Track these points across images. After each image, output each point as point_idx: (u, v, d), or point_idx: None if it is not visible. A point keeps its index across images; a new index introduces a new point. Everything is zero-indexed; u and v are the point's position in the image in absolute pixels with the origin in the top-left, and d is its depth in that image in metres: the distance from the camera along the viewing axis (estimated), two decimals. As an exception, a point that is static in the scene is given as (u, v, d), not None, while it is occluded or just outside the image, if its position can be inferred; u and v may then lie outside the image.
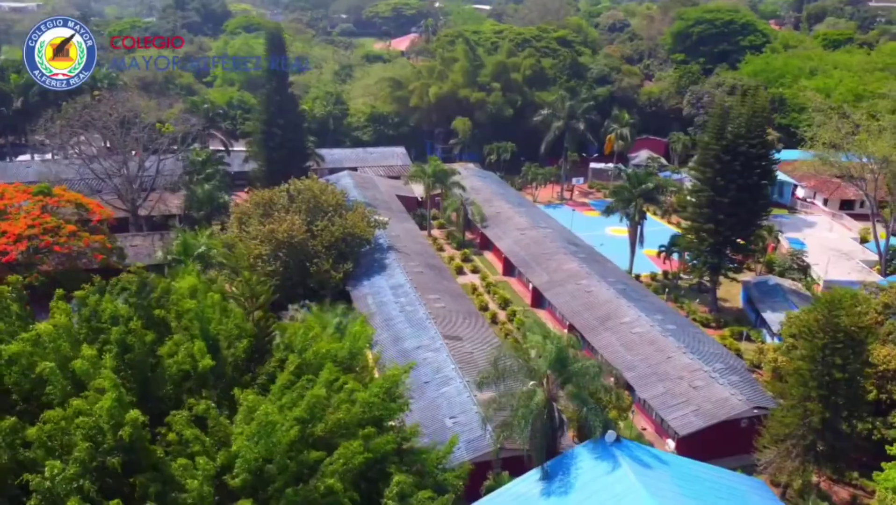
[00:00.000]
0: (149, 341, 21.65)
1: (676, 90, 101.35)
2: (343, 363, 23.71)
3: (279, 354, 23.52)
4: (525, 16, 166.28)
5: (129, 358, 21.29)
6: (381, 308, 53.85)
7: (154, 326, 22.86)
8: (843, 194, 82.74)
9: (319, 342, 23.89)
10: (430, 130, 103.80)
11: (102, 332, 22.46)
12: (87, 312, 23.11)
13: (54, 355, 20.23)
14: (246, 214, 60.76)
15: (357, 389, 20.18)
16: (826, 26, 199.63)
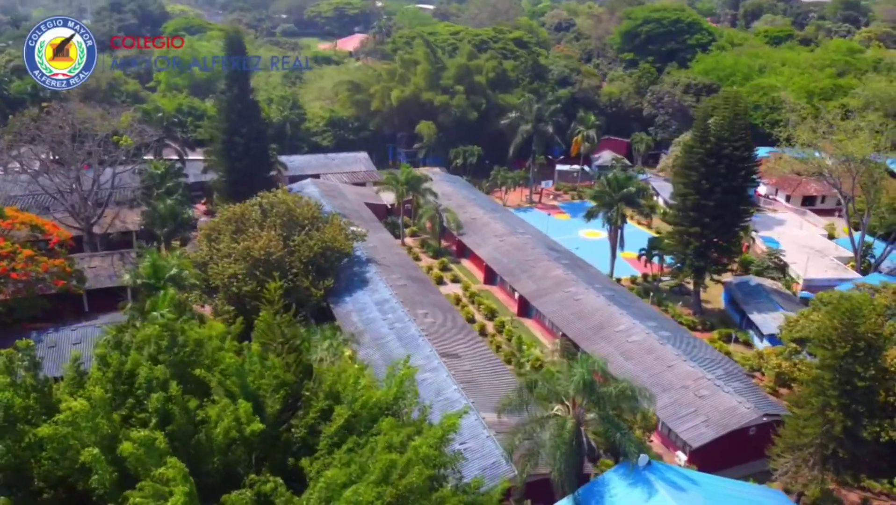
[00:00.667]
0: (193, 409, 18.98)
1: (635, 90, 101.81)
2: (390, 410, 21.57)
3: (319, 403, 21.18)
4: (475, 16, 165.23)
5: (171, 430, 18.59)
6: (369, 326, 51.52)
7: (191, 386, 20.17)
8: (805, 190, 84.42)
9: (368, 390, 21.62)
10: (391, 134, 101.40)
11: (128, 395, 19.63)
12: (110, 372, 20.17)
13: (94, 436, 17.30)
14: (215, 231, 57.32)
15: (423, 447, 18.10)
16: (763, 23, 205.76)
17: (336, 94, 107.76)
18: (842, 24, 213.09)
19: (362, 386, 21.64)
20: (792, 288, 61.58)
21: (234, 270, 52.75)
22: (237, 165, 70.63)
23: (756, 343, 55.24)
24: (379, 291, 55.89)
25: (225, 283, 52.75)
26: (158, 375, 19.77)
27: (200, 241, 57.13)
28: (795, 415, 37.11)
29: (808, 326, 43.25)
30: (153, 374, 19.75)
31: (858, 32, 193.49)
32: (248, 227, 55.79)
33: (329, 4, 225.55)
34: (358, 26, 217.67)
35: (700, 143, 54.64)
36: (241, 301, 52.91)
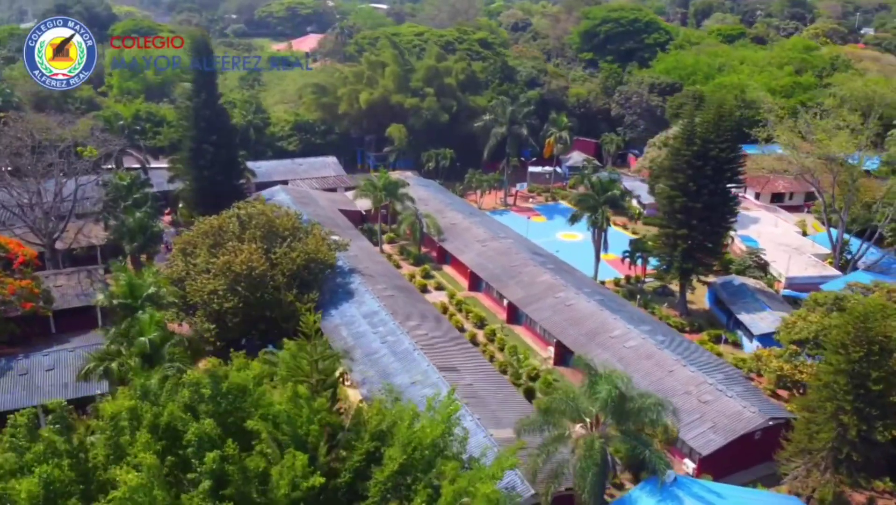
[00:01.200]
0: (253, 469, 17.03)
1: (602, 91, 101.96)
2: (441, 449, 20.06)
3: (364, 444, 19.54)
4: (434, 16, 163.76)
5: (229, 493, 16.64)
6: (359, 340, 49.73)
7: (240, 438, 18.17)
8: (774, 188, 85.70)
9: (419, 429, 19.98)
10: (359, 138, 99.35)
11: (167, 451, 17.59)
12: (146, 422, 18.00)
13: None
14: (190, 245, 54.68)
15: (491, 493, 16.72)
16: (714, 21, 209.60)
17: (300, 96, 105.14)
18: (789, 21, 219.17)
19: (418, 429, 19.99)
20: (774, 286, 62.08)
21: (213, 287, 50.34)
22: (206, 174, 67.75)
23: (745, 343, 55.42)
24: (366, 302, 54.10)
25: (205, 299, 50.33)
26: (209, 431, 17.70)
27: (175, 257, 54.39)
28: (807, 419, 36.93)
29: (807, 327, 43.35)
30: (204, 429, 17.67)
31: (806, 29, 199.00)
32: (226, 240, 53.34)
33: (281, 4, 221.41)
34: (310, 26, 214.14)
35: (687, 146, 54.50)
36: (222, 318, 50.58)
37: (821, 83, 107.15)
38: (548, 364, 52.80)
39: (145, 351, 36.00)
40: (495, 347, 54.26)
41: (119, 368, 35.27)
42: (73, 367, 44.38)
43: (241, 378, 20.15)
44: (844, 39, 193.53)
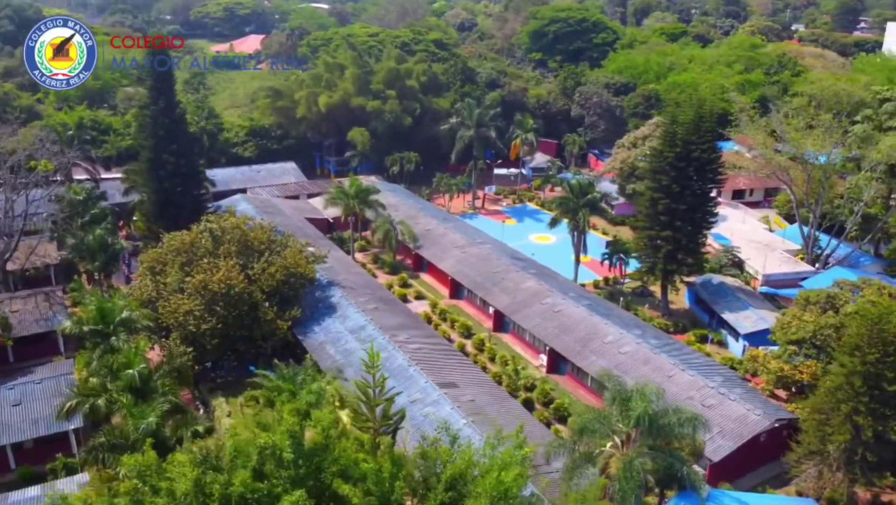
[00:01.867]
0: None
1: (561, 92, 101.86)
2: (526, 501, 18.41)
3: (439, 495, 17.78)
4: (383, 17, 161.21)
5: None
6: (349, 358, 47.55)
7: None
8: (735, 185, 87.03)
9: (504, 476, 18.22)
10: (318, 142, 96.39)
11: None
12: (216, 494, 15.56)
13: None
14: (159, 263, 51.40)
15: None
16: (653, 20, 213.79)
17: (252, 100, 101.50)
18: (725, 19, 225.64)
19: (509, 480, 18.22)
20: (751, 284, 62.76)
21: (189, 307, 47.37)
22: (166, 186, 64.03)
23: (731, 343, 55.69)
24: (350, 317, 51.93)
25: (180, 321, 47.28)
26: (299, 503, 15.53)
27: (143, 276, 51.00)
28: (818, 421, 36.92)
29: (804, 327, 43.52)
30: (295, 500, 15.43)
31: (742, 27, 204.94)
32: (199, 257, 50.32)
33: (218, 4, 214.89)
34: (249, 27, 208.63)
35: (669, 147, 54.36)
36: (199, 340, 47.63)
37: (769, 80, 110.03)
38: (540, 372, 51.79)
39: (134, 385, 33.13)
40: (485, 357, 52.91)
41: (108, 405, 32.32)
42: (43, 401, 40.99)
43: (319, 437, 17.96)
44: (779, 36, 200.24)
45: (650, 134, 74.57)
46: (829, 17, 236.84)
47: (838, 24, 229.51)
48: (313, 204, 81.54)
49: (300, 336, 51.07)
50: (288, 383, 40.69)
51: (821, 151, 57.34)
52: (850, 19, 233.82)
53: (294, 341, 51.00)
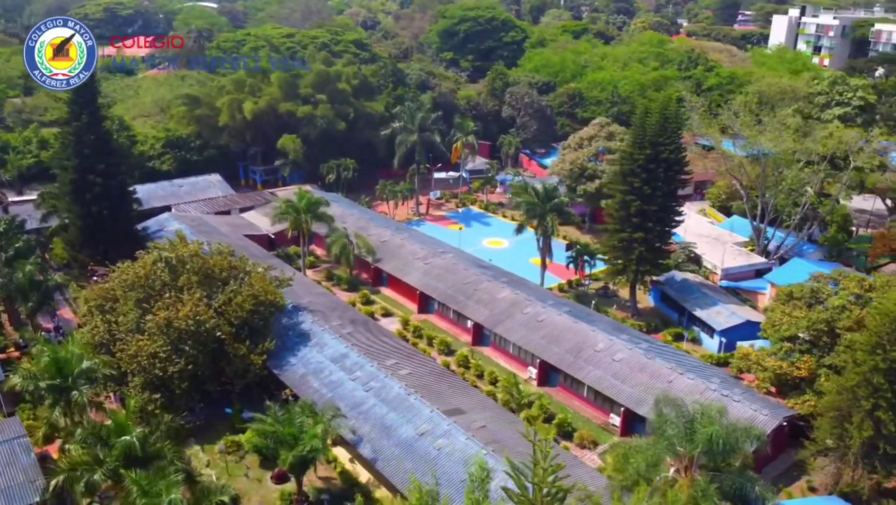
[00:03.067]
0: None
1: (489, 92, 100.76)
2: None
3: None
4: (287, 16, 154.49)
5: None
6: (337, 391, 43.98)
7: None
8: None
9: None
10: (242, 151, 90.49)
11: None
12: None
13: None
14: (109, 300, 45.65)
15: None
16: (551, 18, 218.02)
17: (162, 109, 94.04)
18: (617, 15, 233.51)
19: None
20: (710, 279, 63.94)
21: (153, 349, 42.20)
22: (93, 210, 57.49)
23: (705, 340, 56.29)
24: (328, 343, 48.20)
25: (143, 365, 42.04)
26: None
27: (91, 316, 45.09)
28: (836, 418, 37.36)
29: (796, 323, 44.20)
30: None
31: (633, 23, 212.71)
32: (156, 291, 45.02)
33: (97, 5, 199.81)
34: (132, 27, 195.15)
35: (639, 150, 54.12)
36: (166, 385, 42.56)
37: (682, 76, 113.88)
38: (530, 386, 50.13)
39: (134, 453, 28.50)
40: (472, 374, 50.67)
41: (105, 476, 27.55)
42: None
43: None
44: (668, 31, 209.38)
45: (596, 134, 74.81)
46: (710, 11, 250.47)
47: (719, 18, 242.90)
48: (248, 219, 76.24)
49: (275, 370, 46.86)
50: (289, 427, 36.92)
51: (776, 147, 59.05)
52: (731, 13, 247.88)
53: (268, 375, 46.73)
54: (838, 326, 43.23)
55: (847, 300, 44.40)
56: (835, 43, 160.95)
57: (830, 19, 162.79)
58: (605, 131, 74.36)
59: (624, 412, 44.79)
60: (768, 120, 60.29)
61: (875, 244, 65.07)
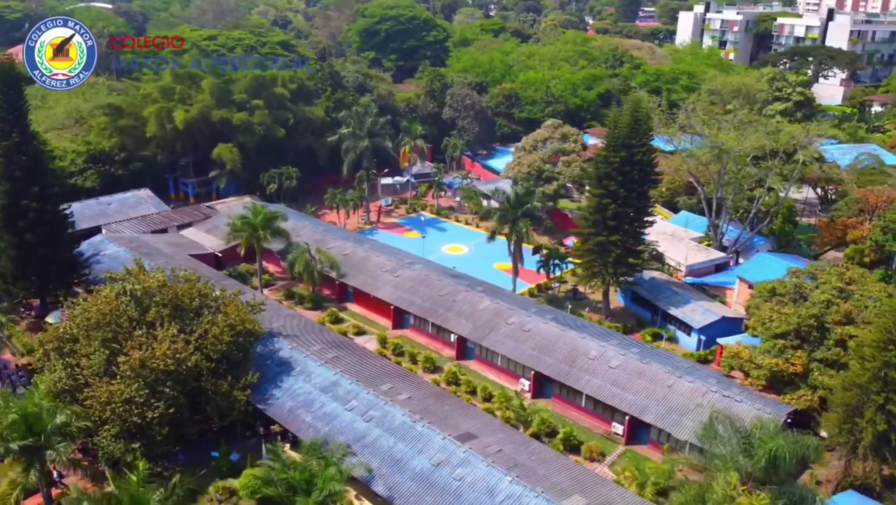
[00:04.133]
0: None
1: (428, 94, 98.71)
2: None
3: None
4: (199, 17, 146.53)
5: None
6: (334, 424, 41.08)
7: None
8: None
9: None
10: (171, 163, 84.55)
11: None
12: None
13: None
14: (68, 341, 40.76)
15: None
16: (463, 17, 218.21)
17: (79, 120, 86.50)
18: (526, 14, 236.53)
19: None
20: (674, 276, 64.75)
21: (129, 393, 37.94)
22: (28, 238, 51.61)
23: (682, 339, 56.77)
24: (313, 371, 45.08)
25: (118, 412, 37.73)
26: None
27: (52, 361, 40.05)
28: (846, 413, 38.06)
29: (787, 320, 44.94)
30: None
31: (544, 21, 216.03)
32: (123, 329, 40.55)
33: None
34: (19, 32, 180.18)
35: (614, 152, 53.80)
36: (145, 432, 38.38)
37: (611, 74, 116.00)
38: (524, 398, 48.74)
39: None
40: (464, 391, 48.82)
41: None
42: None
43: None
44: (577, 28, 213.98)
45: (550, 136, 74.43)
46: (612, 8, 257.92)
47: (622, 15, 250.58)
48: (190, 237, 71.11)
49: (259, 405, 43.36)
50: (301, 473, 33.89)
51: (737, 145, 60.35)
52: (633, 9, 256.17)
53: (255, 412, 43.18)
54: (827, 320, 44.33)
55: (831, 294, 45.59)
56: (739, 37, 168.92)
57: (734, 14, 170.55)
58: (558, 132, 74.09)
59: (629, 421, 44.21)
60: (729, 118, 61.61)
61: (822, 233, 67.86)
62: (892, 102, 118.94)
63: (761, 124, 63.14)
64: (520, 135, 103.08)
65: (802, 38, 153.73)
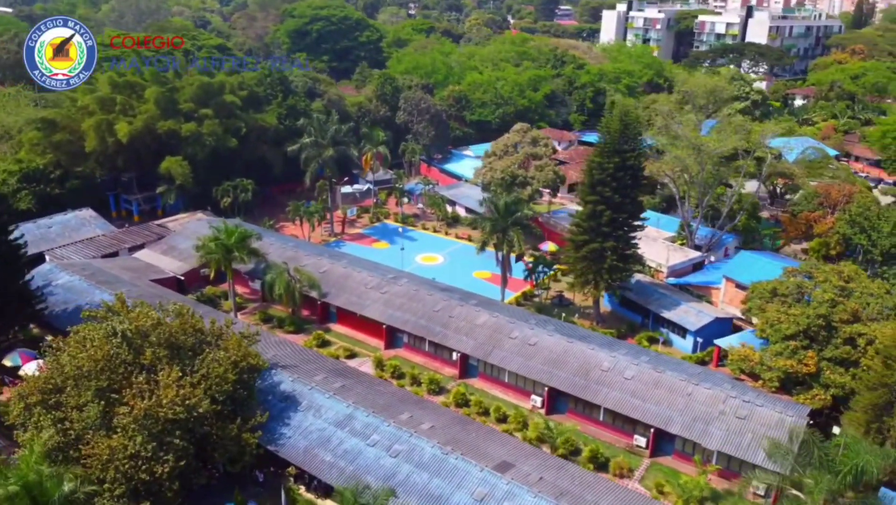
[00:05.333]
0: None
1: (379, 98, 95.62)
2: None
3: None
4: (117, 20, 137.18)
5: None
6: (357, 463, 38.32)
7: None
8: (571, 178, 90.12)
9: None
10: (111, 179, 78.27)
11: None
12: None
13: None
14: (52, 393, 36.12)
15: None
16: (388, 16, 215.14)
17: (3, 137, 78.83)
18: (449, 13, 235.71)
19: None
20: (656, 277, 64.96)
21: (134, 448, 33.94)
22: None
23: (677, 341, 56.78)
24: (323, 405, 42.02)
25: (124, 470, 33.67)
26: None
27: (37, 416, 35.31)
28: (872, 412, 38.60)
29: (797, 320, 45.39)
30: None
31: (468, 20, 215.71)
32: (119, 375, 36.31)
33: None
34: None
35: (607, 158, 53.06)
36: (152, 489, 34.48)
37: (555, 74, 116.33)
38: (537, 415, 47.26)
39: None
40: (475, 412, 46.84)
41: None
42: None
43: None
44: (500, 27, 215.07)
45: (520, 140, 73.30)
46: (531, 7, 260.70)
47: (541, 14, 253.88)
48: (145, 259, 65.80)
49: (270, 446, 39.98)
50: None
51: (720, 146, 60.97)
52: (551, 8, 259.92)
53: (266, 455, 39.73)
54: (834, 319, 45.04)
55: (833, 293, 46.40)
56: (661, 35, 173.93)
57: (656, 13, 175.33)
58: (528, 136, 73.06)
59: (654, 433, 43.47)
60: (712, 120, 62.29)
61: (788, 228, 69.84)
62: (814, 95, 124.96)
63: (738, 124, 64.18)
64: (472, 137, 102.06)
65: (723, 34, 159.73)
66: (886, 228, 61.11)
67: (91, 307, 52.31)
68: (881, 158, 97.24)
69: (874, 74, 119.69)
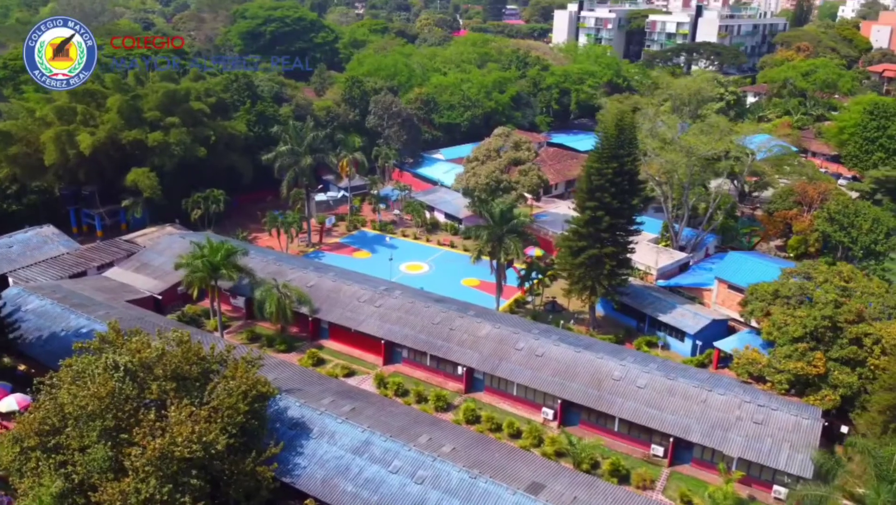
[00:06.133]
0: None
1: (347, 101, 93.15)
2: None
3: None
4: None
5: None
6: (381, 492, 36.66)
7: None
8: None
9: None
10: (71, 194, 73.94)
11: None
12: None
13: None
14: (49, 434, 33.20)
15: None
16: (338, 16, 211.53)
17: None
18: (398, 13, 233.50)
19: None
20: (646, 279, 64.95)
21: (146, 492, 31.47)
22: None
23: (674, 344, 56.78)
24: (336, 430, 40.09)
25: (138, 520, 31.14)
26: None
27: (34, 461, 32.32)
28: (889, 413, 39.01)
29: (804, 322, 45.67)
30: None
31: (419, 20, 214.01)
32: (126, 413, 33.64)
33: None
34: None
35: (606, 163, 52.50)
36: (169, 535, 32.07)
37: (519, 75, 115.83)
38: (550, 428, 46.34)
39: None
40: (486, 428, 45.59)
41: None
42: None
43: None
44: (451, 27, 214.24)
45: (503, 144, 72.32)
46: (479, 7, 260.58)
47: (489, 14, 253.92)
48: (117, 278, 62.25)
49: (284, 478, 37.80)
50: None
51: (708, 148, 61.24)
52: (498, 8, 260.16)
53: (280, 488, 37.55)
54: (839, 320, 45.51)
55: (836, 294, 46.91)
56: (613, 35, 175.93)
57: (607, 13, 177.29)
58: (510, 140, 72.13)
59: (673, 442, 43.06)
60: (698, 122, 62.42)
61: (767, 227, 70.93)
62: (766, 93, 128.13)
63: (723, 126, 64.69)
64: (441, 141, 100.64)
65: (674, 33, 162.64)
66: (866, 225, 62.64)
67: (68, 334, 49.50)
68: (839, 154, 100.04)
69: (824, 71, 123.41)
